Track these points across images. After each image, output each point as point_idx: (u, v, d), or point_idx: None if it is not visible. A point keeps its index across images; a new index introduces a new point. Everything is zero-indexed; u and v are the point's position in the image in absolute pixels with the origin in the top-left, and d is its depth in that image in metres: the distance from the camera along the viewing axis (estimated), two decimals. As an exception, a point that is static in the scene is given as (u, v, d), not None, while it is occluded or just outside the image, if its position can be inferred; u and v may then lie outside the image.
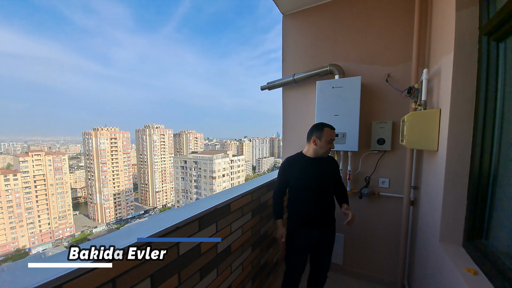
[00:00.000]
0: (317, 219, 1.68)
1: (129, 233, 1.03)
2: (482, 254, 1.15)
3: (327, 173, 1.72)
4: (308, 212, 1.67)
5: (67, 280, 0.76)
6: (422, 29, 1.97)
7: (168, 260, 1.11)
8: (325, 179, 1.70)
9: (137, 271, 0.97)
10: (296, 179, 1.70)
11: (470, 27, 1.30)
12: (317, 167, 1.70)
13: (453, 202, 1.40)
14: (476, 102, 1.28)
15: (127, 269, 0.94)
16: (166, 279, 1.11)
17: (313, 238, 1.68)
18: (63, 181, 56.57)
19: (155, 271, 1.05)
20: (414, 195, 2.11)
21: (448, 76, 1.41)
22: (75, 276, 0.78)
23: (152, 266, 1.04)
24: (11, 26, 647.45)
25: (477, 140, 1.26)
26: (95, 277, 0.83)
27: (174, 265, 1.15)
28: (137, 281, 0.98)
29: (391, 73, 2.16)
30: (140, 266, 0.98)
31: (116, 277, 0.90)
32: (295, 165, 1.74)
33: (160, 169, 78.03)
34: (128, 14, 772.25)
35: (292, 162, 1.76)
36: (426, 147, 1.65)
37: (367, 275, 2.43)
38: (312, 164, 1.70)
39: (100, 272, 0.85)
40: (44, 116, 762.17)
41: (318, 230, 1.68)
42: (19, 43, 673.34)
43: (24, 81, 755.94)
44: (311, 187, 1.66)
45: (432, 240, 1.60)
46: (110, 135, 64.79)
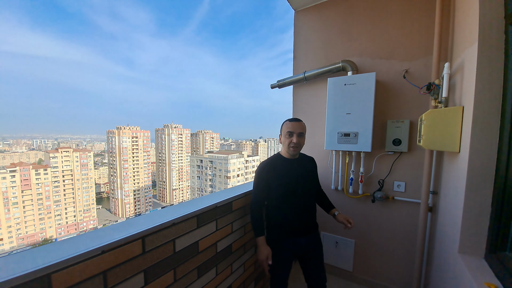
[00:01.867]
0: (303, 227, 1.54)
1: (126, 227, 1.02)
2: (506, 268, 1.02)
3: (309, 174, 1.60)
4: (295, 220, 1.51)
5: (56, 270, 0.76)
6: (444, 20, 1.82)
7: (163, 256, 1.10)
8: (309, 181, 1.57)
9: (129, 265, 0.96)
10: (278, 184, 1.50)
11: (495, 15, 1.16)
12: (298, 168, 1.56)
13: (476, 210, 1.26)
14: (503, 98, 1.14)
15: (119, 263, 0.93)
16: (160, 275, 1.09)
17: (299, 247, 1.54)
18: (88, 176, 60.05)
19: (149, 266, 1.04)
20: (433, 201, 1.94)
21: (472, 70, 1.28)
22: (64, 266, 0.78)
23: (146, 261, 1.03)
24: (43, 31, 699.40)
25: (504, 141, 1.12)
26: (85, 268, 0.83)
27: (170, 261, 1.13)
28: (130, 275, 0.97)
29: (410, 68, 2.01)
30: (132, 260, 0.97)
31: (107, 269, 0.89)
32: (274, 169, 1.54)
33: (177, 167, 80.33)
34: (150, 19, 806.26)
35: (271, 166, 1.54)
36: (447, 148, 1.51)
37: (378, 284, 2.29)
38: (292, 165, 1.55)
39: (91, 263, 0.84)
40: (74, 115, 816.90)
41: (305, 238, 1.54)
42: (51, 47, 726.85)
43: (57, 83, 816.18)
44: (295, 192, 1.50)
45: (450, 251, 1.46)
46: (132, 134, 67.81)
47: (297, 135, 1.49)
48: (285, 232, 1.53)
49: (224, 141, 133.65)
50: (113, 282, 0.91)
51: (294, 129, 1.49)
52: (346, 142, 2.17)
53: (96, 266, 0.86)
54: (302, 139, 1.52)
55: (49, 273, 0.74)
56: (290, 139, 1.49)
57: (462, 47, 1.49)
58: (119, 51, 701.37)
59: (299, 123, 1.52)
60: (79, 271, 0.81)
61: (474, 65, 1.24)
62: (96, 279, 0.86)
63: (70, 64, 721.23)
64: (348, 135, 2.15)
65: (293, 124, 1.50)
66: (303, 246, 1.55)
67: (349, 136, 2.15)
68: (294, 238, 1.53)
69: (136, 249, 0.99)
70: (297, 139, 1.48)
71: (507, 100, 1.11)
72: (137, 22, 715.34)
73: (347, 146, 2.17)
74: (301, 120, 1.55)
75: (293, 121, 1.51)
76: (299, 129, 1.50)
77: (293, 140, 1.48)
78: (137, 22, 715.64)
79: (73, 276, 0.80)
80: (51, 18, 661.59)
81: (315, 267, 1.60)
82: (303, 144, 1.55)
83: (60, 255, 0.79)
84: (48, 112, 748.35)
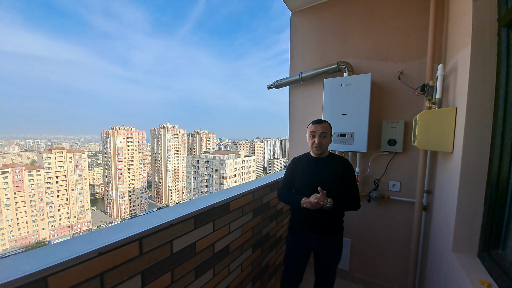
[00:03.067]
0: (315, 223, 1.57)
1: (123, 228, 1.01)
2: (498, 266, 1.04)
3: (331, 174, 1.58)
4: (308, 216, 1.57)
5: (52, 273, 0.75)
6: (438, 22, 1.85)
7: (160, 257, 1.09)
8: (327, 180, 1.56)
9: (126, 267, 0.96)
10: (298, 177, 1.65)
11: (488, 18, 1.19)
12: (320, 167, 1.61)
13: (469, 209, 1.28)
14: (495, 99, 1.17)
15: (116, 265, 0.92)
16: (158, 277, 1.09)
17: (312, 243, 1.59)
18: (82, 177, 59.23)
19: (146, 268, 1.04)
20: (427, 200, 1.97)
21: (465, 72, 1.30)
22: (61, 269, 0.77)
23: (143, 263, 1.02)
24: (36, 30, 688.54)
25: (496, 141, 1.15)
26: (82, 270, 0.82)
27: (167, 262, 1.13)
28: (127, 277, 0.96)
29: (404, 70, 2.04)
30: (130, 262, 0.97)
31: (104, 272, 0.88)
32: (300, 163, 1.70)
33: (173, 168, 79.83)
34: (146, 18, 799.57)
35: (299, 161, 1.72)
36: (440, 148, 1.54)
37: (375, 283, 2.31)
38: (316, 164, 1.62)
39: (87, 265, 0.83)
40: (67, 115, 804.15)
41: (318, 236, 1.58)
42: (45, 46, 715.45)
43: (50, 82, 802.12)
44: (310, 187, 1.55)
45: (445, 249, 1.48)
46: (127, 134, 67.14)
47: (319, 136, 1.56)
48: (296, 223, 1.67)
49: (220, 141, 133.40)
50: (110, 284, 0.90)
51: (316, 130, 1.57)
52: (342, 142, 2.19)
53: (93, 268, 0.85)
54: (324, 139, 1.58)
55: (45, 276, 0.74)
56: (313, 139, 1.58)
57: (456, 49, 1.51)
58: (114, 50, 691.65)
59: (321, 124, 1.58)
60: (75, 274, 0.80)
61: (467, 67, 1.27)
62: (93, 282, 0.85)
63: (63, 63, 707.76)
64: (344, 136, 2.17)
65: (315, 126, 1.58)
66: (316, 244, 1.59)
67: (345, 137, 2.17)
68: (306, 232, 1.61)
69: (133, 251, 0.98)
70: (319, 139, 1.56)
71: (500, 102, 1.14)
72: (133, 21, 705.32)
73: (344, 147, 2.19)
74: (324, 121, 1.60)
75: (315, 123, 1.59)
76: (321, 129, 1.57)
77: (315, 141, 1.56)
78: (133, 21, 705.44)
79: (70, 279, 0.79)
80: (44, 17, 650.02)
81: (324, 270, 1.65)
82: (327, 144, 1.60)
83: (57, 258, 0.78)
84: (41, 112, 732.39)
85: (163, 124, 79.28)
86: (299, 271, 1.70)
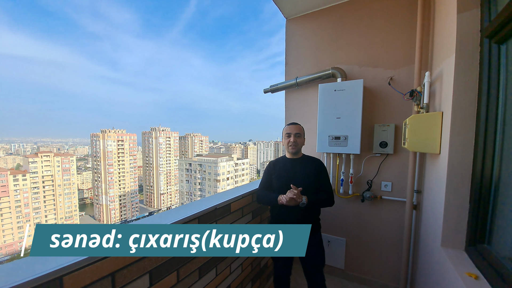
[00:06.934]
0: (291, 220, 1.62)
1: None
2: (484, 259, 1.13)
3: (305, 173, 1.67)
4: (282, 211, 1.66)
5: (67, 272, 0.78)
6: (424, 32, 1.97)
7: (167, 257, 1.13)
8: (303, 179, 1.64)
9: (136, 266, 0.99)
10: (276, 178, 1.73)
11: (471, 29, 1.30)
12: (296, 167, 1.71)
13: (455, 206, 1.38)
14: (478, 105, 1.27)
15: (126, 264, 0.96)
16: (164, 276, 1.12)
17: None
18: (70, 182, 57.58)
19: (154, 267, 1.07)
20: (417, 199, 2.08)
21: (450, 79, 1.41)
22: (75, 268, 0.80)
23: (151, 263, 1.06)
24: (21, 31, 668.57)
25: (479, 143, 1.25)
26: (95, 270, 0.85)
27: (173, 262, 1.17)
28: (136, 276, 1.00)
29: (394, 76, 2.16)
30: (139, 261, 1.00)
31: (115, 271, 0.92)
32: (277, 165, 1.79)
33: (165, 171, 78.68)
34: (135, 19, 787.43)
35: (275, 164, 1.81)
36: (428, 150, 1.63)
37: (369, 280, 2.40)
38: (292, 164, 1.73)
39: (100, 265, 0.87)
40: (54, 118, 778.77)
41: None
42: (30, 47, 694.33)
43: (35, 84, 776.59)
44: (287, 186, 1.59)
45: (434, 245, 1.57)
46: (117, 137, 65.82)
47: (294, 135, 1.71)
48: (276, 222, 1.74)
49: (213, 144, 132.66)
50: (120, 283, 0.94)
51: (291, 131, 1.72)
52: (336, 145, 2.28)
53: (105, 268, 0.88)
54: (299, 139, 1.72)
55: (61, 276, 0.77)
56: (289, 139, 1.71)
57: (441, 57, 1.62)
58: (102, 51, 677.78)
59: (296, 125, 1.74)
60: (89, 273, 0.84)
61: (452, 74, 1.37)
62: (104, 281, 0.88)
63: (50, 64, 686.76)
64: (339, 138, 2.26)
65: (290, 127, 1.73)
66: None
67: (339, 139, 2.26)
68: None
69: (141, 251, 1.01)
70: (294, 138, 1.70)
71: (482, 107, 1.24)
72: (121, 22, 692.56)
73: (338, 149, 2.28)
74: (298, 123, 1.76)
75: (290, 124, 1.75)
76: (296, 130, 1.72)
77: (291, 140, 1.70)
78: (121, 22, 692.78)
79: (84, 278, 0.82)
80: (30, 17, 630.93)
81: (312, 274, 1.70)
82: (301, 143, 1.74)
83: (71, 258, 0.81)
84: (27, 115, 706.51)
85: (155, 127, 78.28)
86: (287, 265, 1.76)
